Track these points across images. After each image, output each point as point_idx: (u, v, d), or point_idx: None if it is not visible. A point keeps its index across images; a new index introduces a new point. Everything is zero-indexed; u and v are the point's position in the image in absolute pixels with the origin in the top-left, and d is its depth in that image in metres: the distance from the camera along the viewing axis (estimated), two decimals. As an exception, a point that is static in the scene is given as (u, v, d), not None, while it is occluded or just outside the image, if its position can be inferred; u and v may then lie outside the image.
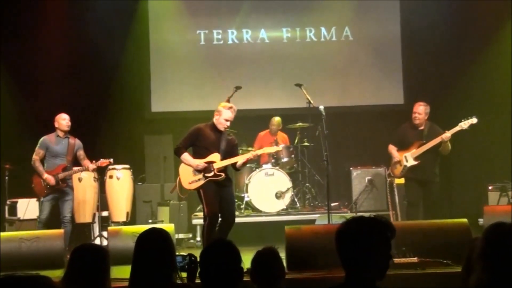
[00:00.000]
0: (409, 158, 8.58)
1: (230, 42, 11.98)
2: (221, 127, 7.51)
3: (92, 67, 11.19)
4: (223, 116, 7.46)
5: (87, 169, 8.80)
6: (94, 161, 8.72)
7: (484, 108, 10.97)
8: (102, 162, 8.75)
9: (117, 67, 11.32)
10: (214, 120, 7.55)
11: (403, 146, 8.74)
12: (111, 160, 8.82)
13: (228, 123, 7.51)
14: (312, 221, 9.11)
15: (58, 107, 10.50)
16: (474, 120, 8.31)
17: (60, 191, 8.61)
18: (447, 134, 8.33)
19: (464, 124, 8.30)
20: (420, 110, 8.62)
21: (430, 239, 6.84)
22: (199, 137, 7.53)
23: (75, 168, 8.75)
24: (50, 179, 8.51)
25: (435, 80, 11.54)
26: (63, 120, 8.72)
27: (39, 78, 10.98)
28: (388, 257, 2.81)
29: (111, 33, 11.16)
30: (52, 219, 8.63)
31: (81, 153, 8.81)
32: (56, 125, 8.73)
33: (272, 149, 8.45)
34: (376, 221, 2.85)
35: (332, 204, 9.41)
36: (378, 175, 10.22)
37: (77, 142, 8.84)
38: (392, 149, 8.84)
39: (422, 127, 8.65)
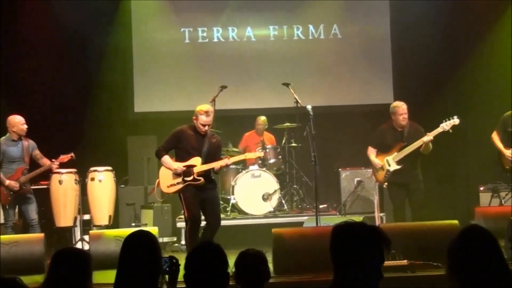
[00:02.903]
0: (391, 162, 8.48)
1: (215, 40, 11.98)
2: (200, 132, 7.55)
3: (73, 67, 11.13)
4: (199, 121, 7.48)
5: (49, 168, 8.77)
6: (53, 160, 8.69)
7: (475, 107, 11.07)
8: (63, 157, 8.72)
9: (99, 67, 11.27)
10: (194, 123, 7.58)
11: (382, 149, 8.65)
12: (73, 154, 8.79)
13: (206, 128, 7.52)
14: (300, 224, 9.11)
15: (39, 107, 10.51)
16: (456, 121, 8.21)
17: (22, 196, 8.59)
18: (430, 137, 8.23)
19: (446, 126, 8.20)
20: (406, 110, 8.46)
21: (420, 241, 6.88)
22: (180, 140, 7.57)
23: (38, 170, 8.73)
24: (13, 185, 8.48)
25: (426, 78, 11.58)
26: (22, 125, 8.60)
27: (18, 78, 10.91)
28: (379, 275, 2.83)
29: (92, 32, 11.11)
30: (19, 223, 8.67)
31: (37, 152, 8.78)
32: (14, 129, 8.60)
33: (254, 155, 8.46)
34: (375, 230, 2.87)
35: (321, 206, 9.41)
36: (367, 176, 10.24)
37: (31, 143, 8.79)
38: (371, 153, 8.73)
39: (401, 128, 8.53)
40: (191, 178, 7.47)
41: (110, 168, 9.89)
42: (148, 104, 11.75)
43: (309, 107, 8.44)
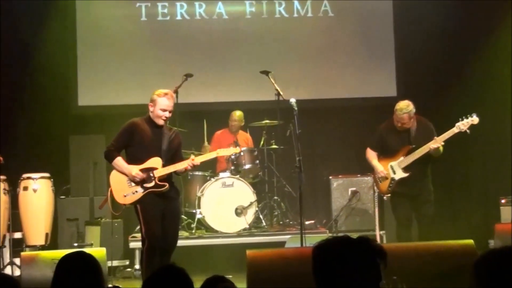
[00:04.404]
0: (396, 169, 8.48)
1: (178, 18, 11.94)
2: (159, 121, 7.38)
3: (2, 50, 11.03)
4: (158, 106, 7.33)
5: None
6: None
7: (496, 102, 11.11)
8: None
9: (34, 50, 11.19)
10: (150, 113, 7.43)
11: (385, 152, 8.65)
12: (0, 158, 8.73)
13: (166, 114, 7.36)
14: (281, 244, 9.11)
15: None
16: (474, 120, 8.17)
17: None
18: (438, 145, 8.20)
19: (463, 125, 8.16)
20: (406, 119, 8.36)
21: (428, 266, 6.89)
22: (134, 135, 7.40)
23: None
24: None
25: (436, 66, 11.63)
26: None
27: None
28: None
29: (28, 8, 11.04)
30: None
31: None
32: None
33: (228, 151, 8.32)
34: (363, 243, 2.85)
35: (307, 223, 9.41)
36: (364, 186, 10.26)
37: None
38: (373, 157, 8.72)
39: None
40: (152, 184, 7.32)
41: (47, 175, 9.83)
42: (95, 96, 11.69)
43: (293, 100, 8.42)
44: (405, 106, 8.38)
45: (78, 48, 11.70)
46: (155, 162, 7.38)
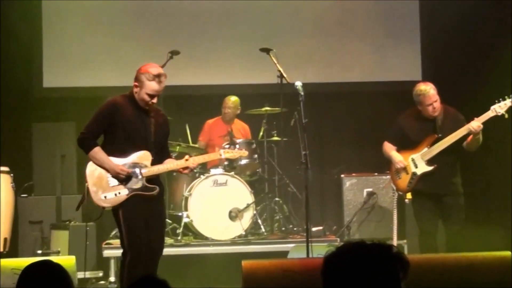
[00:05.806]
0: (419, 162, 8.47)
1: (163, -15, 11.98)
2: (143, 105, 7.08)
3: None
4: (144, 89, 7.00)
5: None
6: None
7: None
8: None
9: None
10: (134, 94, 7.12)
11: (406, 145, 8.64)
12: None
13: (154, 100, 7.08)
14: (284, 254, 9.15)
15: None
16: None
17: None
18: (477, 123, 8.16)
19: (499, 108, 8.16)
20: (436, 95, 8.34)
21: (457, 281, 6.92)
22: (116, 119, 7.04)
23: None
24: None
25: (465, 46, 11.65)
26: None
27: None
28: None
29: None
30: None
31: None
32: None
33: (234, 154, 8.19)
34: (381, 250, 2.86)
35: (314, 229, 9.44)
36: (382, 186, 10.28)
37: None
38: (390, 149, 8.73)
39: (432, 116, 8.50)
40: (140, 185, 7.06)
41: (6, 169, 9.82)
42: (63, 76, 11.69)
43: (298, 83, 8.44)
44: (424, 85, 8.45)
45: (44, 19, 11.69)
46: (143, 157, 7.12)
